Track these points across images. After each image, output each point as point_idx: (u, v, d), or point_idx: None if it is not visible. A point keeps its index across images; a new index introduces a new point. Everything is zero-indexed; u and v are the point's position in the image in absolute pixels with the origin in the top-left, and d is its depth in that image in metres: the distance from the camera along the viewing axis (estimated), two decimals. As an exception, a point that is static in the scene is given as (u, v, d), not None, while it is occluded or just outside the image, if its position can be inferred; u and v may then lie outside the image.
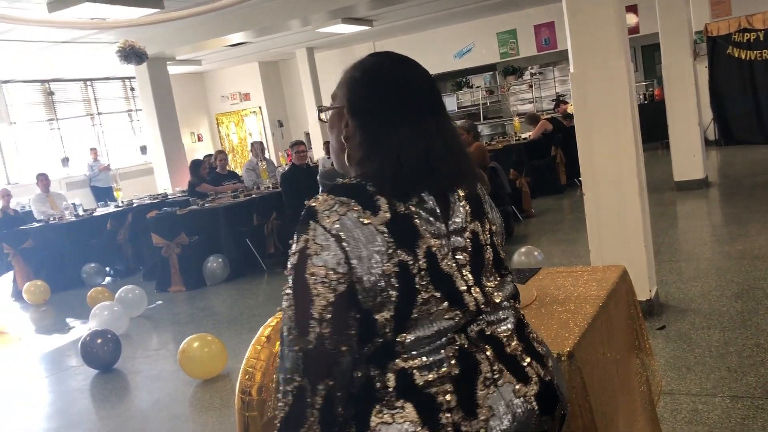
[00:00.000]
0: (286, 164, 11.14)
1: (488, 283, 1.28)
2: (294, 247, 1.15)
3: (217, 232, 7.62)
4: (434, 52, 14.52)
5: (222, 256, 7.40)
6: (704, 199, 7.99)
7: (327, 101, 1.44)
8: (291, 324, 1.14)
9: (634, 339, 2.59)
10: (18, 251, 8.43)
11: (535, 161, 9.43)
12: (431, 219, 1.21)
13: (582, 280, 2.57)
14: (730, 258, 5.35)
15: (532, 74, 15.51)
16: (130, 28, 8.55)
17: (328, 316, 1.12)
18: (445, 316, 1.18)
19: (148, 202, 9.51)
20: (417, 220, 1.19)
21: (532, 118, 10.26)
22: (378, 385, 1.16)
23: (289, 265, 1.17)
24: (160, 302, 6.94)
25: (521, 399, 1.20)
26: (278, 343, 2.46)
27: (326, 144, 8.96)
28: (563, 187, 9.69)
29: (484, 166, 6.45)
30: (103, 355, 4.99)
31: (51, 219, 8.82)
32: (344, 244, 1.13)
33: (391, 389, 1.15)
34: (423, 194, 1.22)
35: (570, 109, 10.91)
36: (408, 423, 1.13)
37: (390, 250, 1.14)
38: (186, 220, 7.60)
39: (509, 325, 1.28)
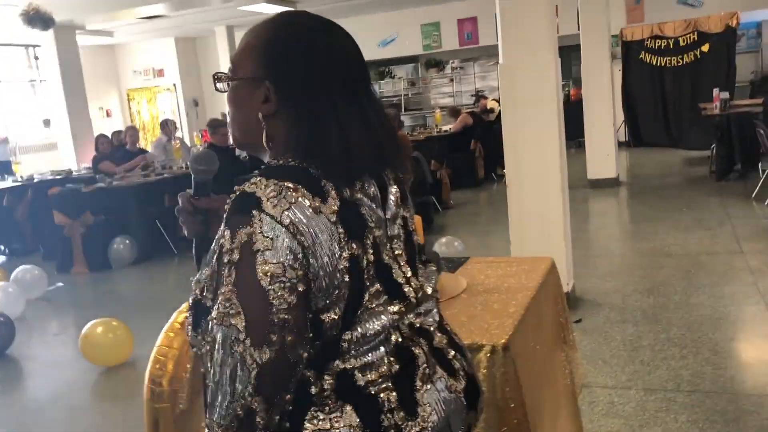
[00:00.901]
0: (201, 144, 10.76)
1: (419, 273, 1.21)
2: (229, 241, 0.97)
3: (126, 212, 7.24)
4: (358, 39, 13.82)
5: (129, 238, 7.04)
6: (615, 197, 8.26)
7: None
8: (238, 335, 0.95)
9: (560, 332, 2.58)
10: None
11: (455, 154, 9.49)
12: (373, 206, 1.10)
13: (511, 270, 2.53)
14: (641, 255, 5.53)
15: (453, 68, 15.64)
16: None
17: (292, 322, 0.97)
18: (389, 311, 1.08)
19: (50, 177, 8.91)
20: (363, 209, 1.07)
21: (453, 112, 10.33)
22: (313, 389, 1.03)
23: (222, 263, 0.98)
24: (60, 284, 6.52)
25: (453, 394, 1.14)
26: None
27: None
28: (481, 180, 9.83)
29: (406, 155, 6.40)
30: (-6, 340, 4.62)
31: (-61, 192, 8.13)
32: (299, 237, 0.97)
33: (328, 392, 1.03)
34: (364, 178, 1.10)
35: (490, 105, 11.04)
36: (347, 428, 1.02)
37: (343, 243, 1.01)
38: (92, 198, 7.18)
39: (436, 317, 1.22)
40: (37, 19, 7.44)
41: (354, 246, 1.02)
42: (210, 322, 0.99)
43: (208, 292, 1.04)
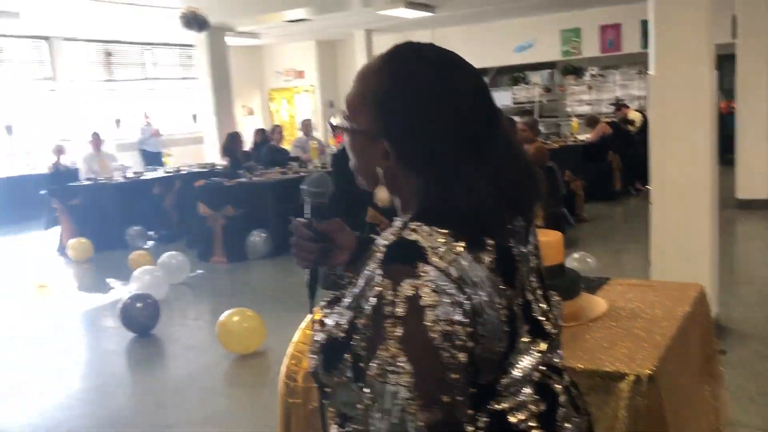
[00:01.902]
0: (335, 145, 11.07)
1: (552, 305, 1.15)
2: (391, 293, 0.91)
3: (263, 207, 7.58)
4: (494, 44, 14.27)
5: (265, 231, 7.35)
6: (767, 220, 7.64)
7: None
8: (406, 395, 0.88)
9: (706, 364, 2.41)
10: (66, 207, 8.52)
11: (590, 165, 9.16)
12: (520, 246, 1.05)
13: (656, 295, 2.39)
14: (796, 285, 5.07)
15: (592, 75, 15.12)
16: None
17: (462, 381, 0.91)
18: (535, 350, 1.05)
19: (196, 170, 9.51)
20: (514, 250, 1.02)
21: (591, 120, 9.99)
22: (469, 428, 1.01)
23: (381, 315, 0.91)
24: (200, 271, 6.92)
25: None
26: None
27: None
28: (617, 193, 9.41)
29: (541, 165, 6.26)
30: (141, 320, 4.97)
31: (100, 178, 8.89)
32: (467, 290, 0.92)
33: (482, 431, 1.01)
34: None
35: (631, 115, 10.57)
36: None
37: (502, 293, 0.97)
38: (233, 192, 7.58)
39: (561, 352, 1.16)
40: (195, 21, 7.96)
41: (510, 293, 0.99)
42: (366, 375, 0.94)
43: (360, 341, 0.98)
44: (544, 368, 1.08)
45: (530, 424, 1.02)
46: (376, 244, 0.99)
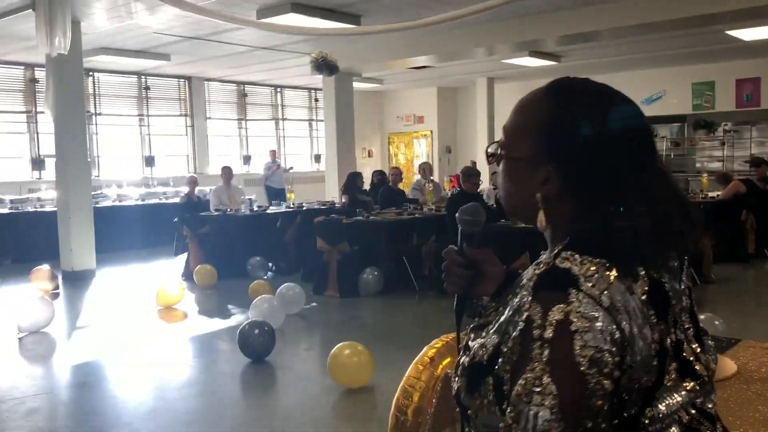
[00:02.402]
0: (450, 189, 11.16)
1: (706, 348, 1.11)
2: (541, 317, 0.93)
3: (377, 245, 7.72)
4: (620, 95, 13.94)
5: (378, 269, 7.48)
6: None
7: (499, 133, 1.17)
8: (549, 417, 0.89)
9: None
10: (195, 235, 9.05)
11: (721, 224, 8.66)
12: (674, 282, 1.04)
13: (793, 361, 2.23)
14: None
15: (726, 131, 14.39)
16: (324, 39, 8.98)
17: (606, 408, 0.91)
18: (684, 388, 1.02)
19: (316, 207, 9.86)
20: (667, 285, 1.02)
21: (723, 177, 9.49)
22: None
23: (529, 338, 0.94)
24: (315, 304, 7.11)
25: None
26: (441, 366, 2.35)
27: (495, 175, 8.73)
28: (750, 256, 8.83)
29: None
30: (257, 346, 5.15)
31: (228, 210, 9.40)
32: (618, 318, 0.93)
33: None
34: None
35: (769, 173, 9.96)
36: None
37: (653, 326, 0.97)
38: (349, 230, 7.79)
39: (715, 399, 1.10)
40: (325, 66, 8.36)
41: (662, 327, 0.98)
42: (509, 396, 0.95)
43: (505, 364, 1.00)
44: (695, 412, 1.04)
45: None
46: (526, 275, 1.02)
